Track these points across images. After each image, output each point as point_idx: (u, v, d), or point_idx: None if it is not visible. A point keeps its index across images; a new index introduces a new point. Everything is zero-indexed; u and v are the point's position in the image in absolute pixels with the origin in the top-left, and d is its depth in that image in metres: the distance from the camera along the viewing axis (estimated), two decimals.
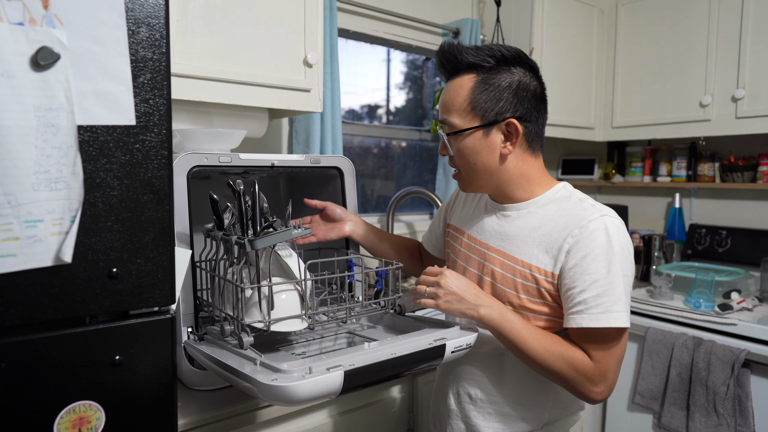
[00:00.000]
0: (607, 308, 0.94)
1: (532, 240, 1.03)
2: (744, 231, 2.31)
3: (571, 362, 0.96)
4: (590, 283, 0.95)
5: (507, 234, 1.08)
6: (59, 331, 0.76)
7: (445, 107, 1.06)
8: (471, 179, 1.08)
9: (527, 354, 0.98)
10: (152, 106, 0.80)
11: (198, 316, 1.17)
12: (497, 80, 1.01)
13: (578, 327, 0.96)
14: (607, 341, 0.96)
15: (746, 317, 1.82)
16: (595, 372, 0.96)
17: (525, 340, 0.98)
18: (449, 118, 1.05)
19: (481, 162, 1.04)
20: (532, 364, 0.99)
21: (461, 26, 2.33)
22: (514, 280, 1.04)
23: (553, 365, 0.97)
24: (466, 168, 1.06)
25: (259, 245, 1.02)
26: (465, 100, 1.02)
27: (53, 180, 0.71)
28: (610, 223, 0.97)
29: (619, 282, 0.95)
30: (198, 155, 1.16)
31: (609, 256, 0.95)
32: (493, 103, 1.01)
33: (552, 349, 0.97)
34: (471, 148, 1.03)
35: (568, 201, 1.05)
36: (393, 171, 2.50)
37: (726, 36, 2.11)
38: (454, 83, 1.05)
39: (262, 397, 0.87)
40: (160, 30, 0.80)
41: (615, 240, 0.96)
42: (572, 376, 0.97)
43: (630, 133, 2.47)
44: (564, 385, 1.00)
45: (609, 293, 0.95)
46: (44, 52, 0.70)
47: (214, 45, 1.34)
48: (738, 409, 1.74)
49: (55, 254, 0.72)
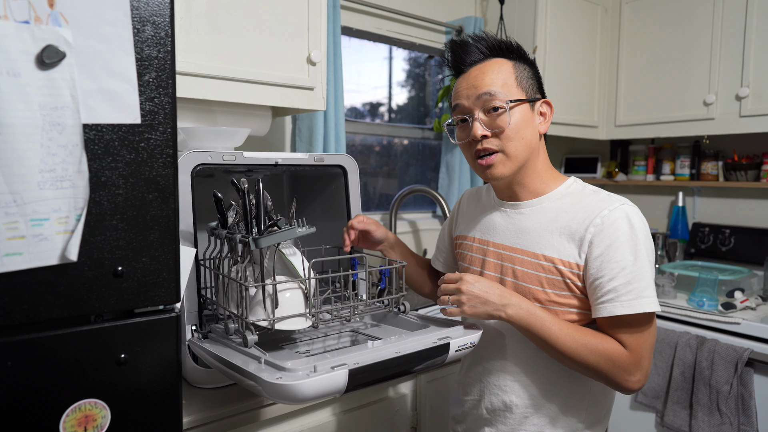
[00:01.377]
0: (638, 294, 0.94)
1: (551, 233, 1.03)
2: (747, 230, 2.30)
3: (606, 354, 0.95)
4: (618, 271, 0.95)
5: (523, 230, 1.06)
6: (65, 329, 0.76)
7: (488, 83, 1.03)
8: (514, 157, 1.03)
9: (560, 350, 0.96)
10: (157, 104, 0.80)
11: (202, 314, 1.17)
12: (525, 66, 1.07)
13: (610, 315, 0.95)
14: (639, 327, 0.96)
15: (749, 316, 1.82)
16: (631, 360, 0.95)
17: (557, 336, 0.96)
18: (501, 90, 1.02)
19: (529, 136, 1.04)
20: (566, 360, 0.97)
21: (464, 24, 2.32)
22: (538, 275, 1.03)
23: (588, 359, 0.95)
24: (515, 144, 1.03)
25: (264, 244, 1.02)
26: (511, 75, 1.04)
27: (59, 178, 0.71)
28: (630, 211, 0.98)
29: (647, 267, 0.96)
30: (202, 153, 1.16)
31: (634, 243, 0.96)
32: (530, 81, 1.06)
33: (585, 342, 0.96)
34: (523, 120, 1.03)
35: (582, 193, 1.06)
36: (395, 169, 2.50)
37: (730, 34, 2.10)
38: (490, 64, 1.05)
39: (267, 396, 0.87)
40: (165, 28, 0.80)
41: (638, 227, 0.97)
42: (608, 367, 0.95)
43: (633, 132, 2.46)
44: (600, 379, 0.98)
45: (638, 279, 0.94)
46: (50, 51, 0.70)
47: (218, 43, 1.34)
48: (741, 408, 1.74)
49: (60, 253, 0.72)
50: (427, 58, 2.54)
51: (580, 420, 1.05)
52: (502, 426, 1.09)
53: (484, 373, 1.12)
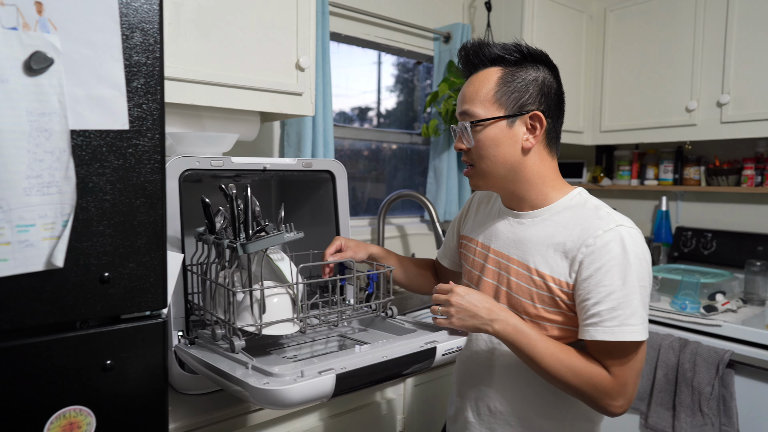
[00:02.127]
0: (622, 321, 0.91)
1: (547, 248, 1.01)
2: (729, 234, 2.34)
3: (590, 378, 0.94)
4: (605, 296, 0.93)
5: (521, 241, 1.05)
6: (50, 336, 0.76)
7: (469, 98, 1.03)
8: (487, 174, 1.04)
9: (544, 369, 0.96)
10: (145, 110, 0.80)
11: (189, 319, 1.16)
12: (523, 73, 1.02)
13: (593, 339, 0.94)
14: (624, 355, 0.93)
15: (731, 318, 1.85)
16: (614, 386, 0.94)
17: (542, 355, 0.95)
18: (472, 109, 1.02)
19: (502, 154, 1.02)
20: (549, 378, 0.97)
21: (452, 31, 2.35)
22: (530, 289, 1.02)
23: (571, 381, 0.94)
24: (485, 161, 1.03)
25: (252, 249, 1.02)
26: (490, 91, 1.01)
27: (45, 184, 0.71)
28: (625, 233, 0.95)
29: (635, 294, 0.92)
30: (190, 159, 1.16)
31: (624, 268, 0.93)
32: (518, 94, 1.01)
33: (569, 364, 0.94)
34: (493, 138, 1.01)
35: (584, 208, 1.02)
36: (384, 174, 2.51)
37: (711, 42, 2.14)
38: (479, 75, 1.04)
39: (254, 401, 0.88)
40: (154, 35, 0.80)
41: (631, 251, 0.94)
42: (590, 391, 0.94)
43: (618, 137, 2.50)
44: (582, 400, 0.97)
45: (624, 306, 0.92)
46: (38, 57, 0.70)
47: (206, 49, 1.35)
48: (722, 408, 1.77)
49: (46, 259, 0.72)
50: (415, 63, 2.55)
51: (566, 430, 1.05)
52: (486, 430, 1.10)
53: (472, 378, 1.13)
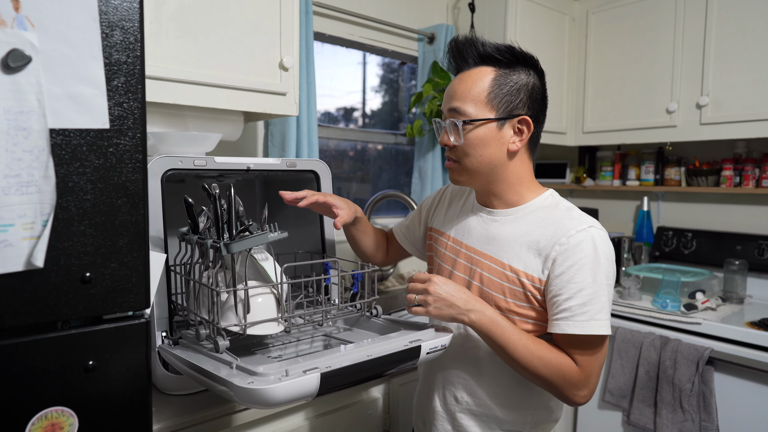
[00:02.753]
0: (591, 316, 0.97)
1: (520, 245, 1.05)
2: (708, 233, 2.39)
3: (559, 368, 0.98)
4: (576, 292, 0.97)
5: (495, 238, 1.09)
6: (31, 336, 0.75)
7: (460, 96, 1.04)
8: (470, 171, 1.06)
9: (516, 359, 0.99)
10: (126, 109, 0.80)
11: (172, 320, 1.16)
12: (515, 77, 1.04)
13: (563, 333, 0.98)
14: (591, 347, 0.99)
15: (710, 316, 1.89)
16: (580, 377, 0.99)
17: (515, 346, 0.99)
18: (463, 107, 1.03)
19: (488, 155, 1.04)
20: (520, 368, 1.00)
21: (436, 32, 2.36)
22: (502, 284, 1.06)
23: (541, 371, 0.99)
24: (471, 159, 1.05)
25: (235, 249, 1.02)
26: (484, 91, 1.03)
27: (24, 184, 0.70)
28: (596, 234, 1.00)
29: (604, 291, 0.98)
30: (172, 158, 1.15)
31: (595, 267, 0.98)
32: (510, 97, 1.03)
33: (540, 355, 0.99)
34: (482, 139, 1.03)
35: (556, 209, 1.07)
36: (369, 174, 2.52)
37: (691, 45, 2.18)
38: (471, 73, 1.05)
39: (239, 401, 0.87)
40: (134, 33, 0.80)
41: (601, 251, 0.99)
42: (558, 381, 0.99)
43: (600, 138, 2.53)
44: (549, 390, 1.01)
45: (594, 302, 0.97)
46: (15, 55, 0.69)
47: (188, 48, 1.34)
48: (702, 405, 1.80)
49: (26, 259, 0.71)
50: (399, 64, 2.56)
51: (526, 421, 1.10)
52: (452, 419, 1.14)
53: (439, 368, 1.16)
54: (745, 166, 2.24)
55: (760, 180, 2.21)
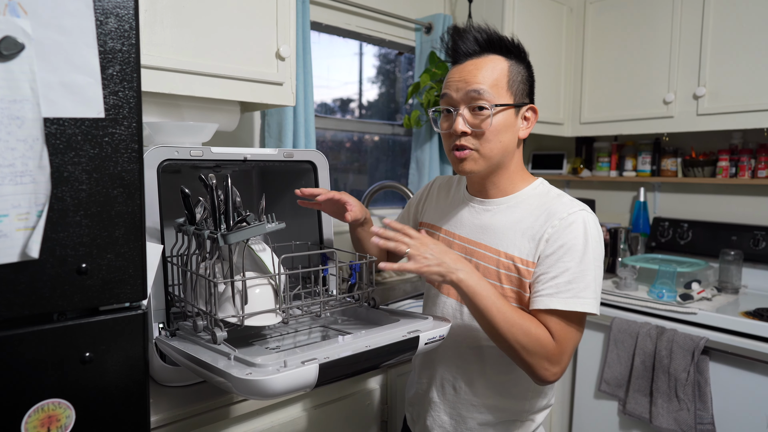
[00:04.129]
0: (575, 294, 0.98)
1: (514, 233, 1.06)
2: (704, 224, 2.40)
3: (537, 337, 0.98)
4: (563, 271, 1.00)
5: (488, 227, 1.10)
6: (27, 328, 0.74)
7: (481, 80, 1.03)
8: (488, 157, 1.06)
9: (496, 324, 0.97)
10: (122, 98, 0.78)
11: (169, 311, 1.15)
12: (522, 68, 1.09)
13: (546, 308, 0.99)
14: (570, 324, 1.00)
15: (706, 306, 1.90)
16: (555, 350, 0.99)
17: (498, 309, 0.97)
18: (489, 91, 1.03)
19: (506, 141, 1.06)
20: (499, 335, 0.99)
21: (434, 21, 2.34)
22: (497, 270, 1.07)
23: (519, 338, 0.97)
24: (492, 144, 1.04)
25: (233, 239, 1.01)
26: (504, 77, 1.05)
27: (18, 174, 0.69)
28: (588, 218, 1.03)
29: (590, 271, 1.00)
30: (169, 148, 1.14)
31: (584, 248, 1.00)
32: (521, 85, 1.07)
33: (521, 323, 0.98)
34: (504, 124, 1.05)
35: (547, 196, 1.09)
36: (366, 165, 2.51)
37: (688, 36, 2.18)
38: (486, 60, 1.05)
39: (237, 392, 0.87)
40: (129, 21, 0.78)
41: (591, 234, 1.02)
42: (534, 350, 0.98)
43: (597, 129, 2.53)
44: (522, 362, 1.00)
45: (579, 280, 0.99)
46: (7, 42, 0.68)
47: (184, 37, 1.32)
48: (698, 394, 1.81)
49: (21, 250, 0.70)
50: (397, 54, 2.55)
51: (524, 409, 1.11)
52: (450, 410, 1.14)
53: (436, 358, 1.17)
54: (741, 157, 2.25)
55: (755, 171, 2.22)
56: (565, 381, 2.27)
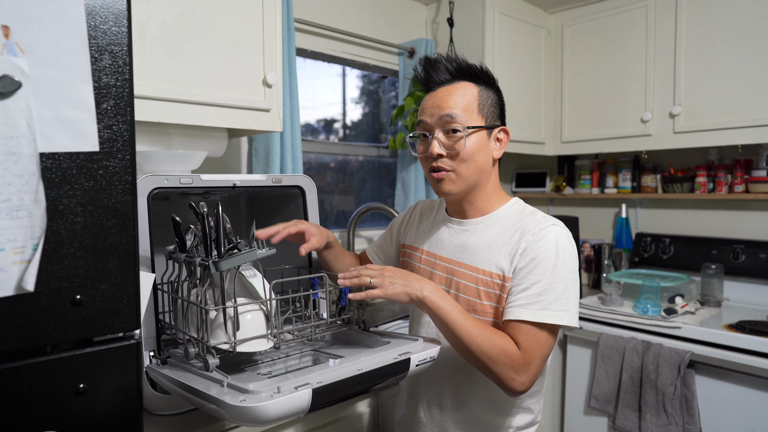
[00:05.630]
0: (545, 306, 1.02)
1: (491, 249, 1.11)
2: (685, 238, 2.45)
3: (501, 347, 1.00)
4: (533, 283, 1.03)
5: (467, 246, 1.15)
6: (21, 361, 0.74)
7: (453, 105, 1.10)
8: (465, 178, 1.11)
9: (462, 336, 1.00)
10: (116, 132, 0.80)
11: (160, 339, 1.15)
12: (492, 93, 1.16)
13: (516, 318, 1.02)
14: (538, 335, 1.02)
15: (689, 320, 1.94)
16: (522, 361, 1.00)
17: (463, 322, 1.01)
18: (461, 115, 1.09)
19: (482, 160, 1.12)
20: (464, 347, 1.01)
21: (416, 46, 2.40)
22: (477, 288, 1.11)
23: (484, 348, 1.00)
24: (468, 165, 1.10)
25: (224, 266, 1.02)
26: (474, 101, 1.12)
27: (14, 208, 0.70)
28: (559, 232, 1.08)
29: (560, 283, 1.03)
30: (158, 177, 1.16)
31: (555, 260, 1.04)
32: (493, 109, 1.14)
33: (486, 334, 1.01)
34: (478, 145, 1.11)
35: (522, 213, 1.14)
36: (351, 186, 2.53)
37: (662, 56, 2.25)
38: (457, 87, 1.12)
39: (231, 419, 0.88)
40: (123, 57, 0.80)
41: (563, 247, 1.06)
42: (501, 360, 0.99)
43: (578, 148, 2.59)
44: (490, 371, 1.01)
45: (549, 293, 1.02)
46: (5, 81, 0.69)
47: (172, 66, 1.34)
48: (685, 408, 1.84)
49: (16, 283, 0.71)
50: (380, 77, 2.59)
51: (510, 425, 1.14)
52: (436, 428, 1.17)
53: (423, 378, 1.20)
54: (718, 173, 2.31)
55: (732, 186, 2.28)
56: (554, 398, 2.28)
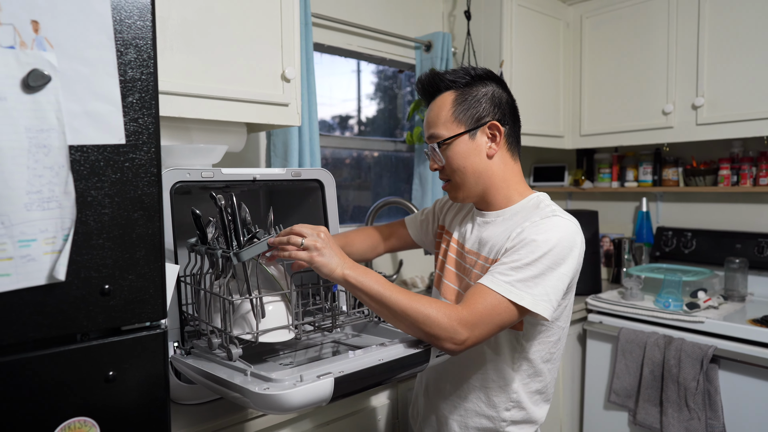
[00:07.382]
0: (511, 282, 0.99)
1: (502, 242, 1.10)
2: (708, 232, 2.41)
3: (439, 305, 0.97)
4: (513, 260, 1.01)
5: (485, 240, 1.15)
6: (53, 348, 0.76)
7: (431, 123, 1.15)
8: (461, 185, 1.15)
9: (391, 303, 0.97)
10: (141, 125, 0.82)
11: (183, 330, 1.17)
12: (474, 91, 1.13)
13: (476, 283, 1.02)
14: (493, 303, 0.98)
15: (712, 315, 1.91)
16: (468, 318, 0.96)
17: (391, 291, 0.98)
18: (436, 131, 1.14)
19: (471, 165, 1.12)
20: (397, 313, 0.98)
21: (433, 39, 2.39)
22: None
23: (419, 308, 0.96)
24: (458, 173, 1.13)
25: (245, 257, 1.04)
26: (448, 112, 1.13)
27: (45, 200, 0.72)
28: (561, 223, 1.05)
29: (536, 269, 1.00)
30: (181, 171, 1.17)
31: (542, 247, 1.01)
32: (474, 109, 1.12)
33: (417, 297, 0.98)
34: (460, 152, 1.12)
35: (537, 208, 1.13)
36: (367, 181, 2.54)
37: (684, 46, 2.21)
38: (437, 102, 1.16)
39: (255, 407, 0.89)
40: (147, 51, 0.82)
41: (555, 235, 1.02)
42: (438, 317, 0.95)
43: (597, 141, 2.56)
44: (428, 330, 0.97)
45: (521, 272, 0.99)
46: (35, 75, 0.71)
47: (192, 62, 1.36)
48: (708, 403, 1.81)
49: (48, 273, 0.73)
50: (397, 72, 2.59)
51: (504, 417, 1.14)
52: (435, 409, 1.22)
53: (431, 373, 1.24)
54: (742, 165, 2.27)
55: (757, 178, 2.24)
56: (573, 392, 2.27)
